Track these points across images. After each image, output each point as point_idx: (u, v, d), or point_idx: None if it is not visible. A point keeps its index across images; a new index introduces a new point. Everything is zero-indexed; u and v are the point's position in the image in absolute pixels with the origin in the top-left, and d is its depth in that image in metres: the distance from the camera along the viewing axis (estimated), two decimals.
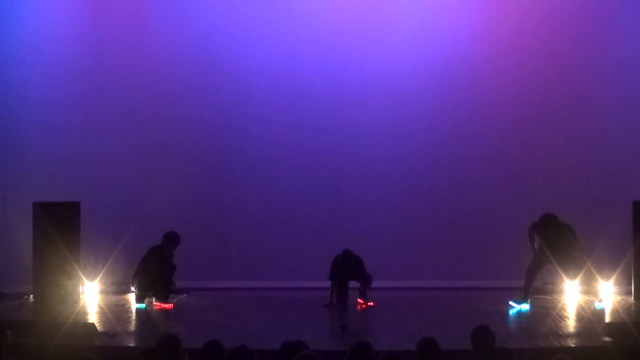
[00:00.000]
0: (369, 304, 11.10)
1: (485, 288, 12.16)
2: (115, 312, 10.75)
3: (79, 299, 11.73)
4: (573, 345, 8.65)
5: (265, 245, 13.11)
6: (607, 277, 12.11)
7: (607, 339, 8.82)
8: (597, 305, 10.90)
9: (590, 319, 10.07)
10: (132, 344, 8.84)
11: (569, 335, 9.24)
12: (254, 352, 6.26)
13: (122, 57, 13.22)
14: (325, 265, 11.48)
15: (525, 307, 10.85)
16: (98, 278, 12.18)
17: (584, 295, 12.06)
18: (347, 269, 11.25)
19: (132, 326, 10.06)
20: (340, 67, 13.23)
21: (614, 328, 9.08)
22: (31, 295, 11.63)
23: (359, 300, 11.19)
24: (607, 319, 10.05)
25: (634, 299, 11.50)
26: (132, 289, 11.51)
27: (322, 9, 13.27)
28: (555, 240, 10.92)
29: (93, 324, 9.55)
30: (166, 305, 11.23)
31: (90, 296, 12.04)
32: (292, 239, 13.03)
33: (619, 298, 11.83)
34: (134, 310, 11.06)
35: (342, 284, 11.28)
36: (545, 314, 10.56)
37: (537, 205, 12.66)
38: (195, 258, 12.66)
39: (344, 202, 13.19)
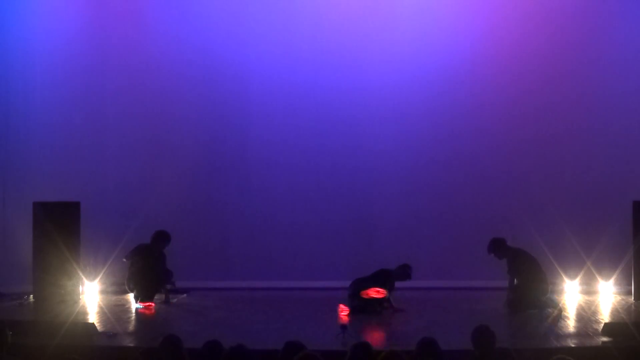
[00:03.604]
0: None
1: (485, 288, 12.16)
2: (115, 312, 10.75)
3: (79, 299, 11.73)
4: (573, 345, 8.65)
5: (265, 245, 13.11)
6: (607, 277, 12.15)
7: (607, 339, 8.82)
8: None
9: (589, 319, 10.09)
10: (132, 344, 8.83)
11: (569, 335, 9.24)
12: (251, 351, 6.27)
13: (122, 57, 13.21)
14: (325, 265, 11.49)
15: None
16: (98, 278, 12.19)
17: (584, 295, 12.08)
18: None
19: (132, 326, 10.06)
20: (341, 68, 13.22)
21: (614, 328, 9.08)
22: (31, 295, 11.63)
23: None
24: (607, 319, 10.05)
25: (634, 299, 11.51)
26: (129, 290, 11.48)
27: (324, 13, 13.26)
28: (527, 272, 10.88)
29: (93, 324, 9.55)
30: (147, 303, 11.18)
31: (90, 296, 12.04)
32: (292, 239, 13.02)
33: (619, 298, 11.84)
34: (134, 310, 11.06)
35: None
36: (546, 314, 10.55)
37: (537, 206, 12.72)
38: (195, 258, 12.67)
39: (344, 202, 13.18)
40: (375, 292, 10.67)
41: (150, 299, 11.22)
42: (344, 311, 10.61)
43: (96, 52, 13.18)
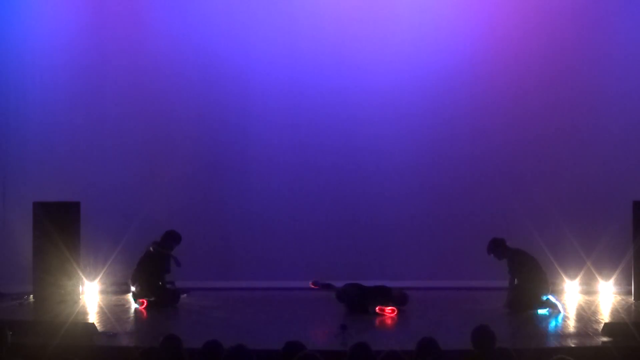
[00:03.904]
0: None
1: (485, 288, 12.16)
2: (115, 312, 10.75)
3: (79, 299, 11.74)
4: (573, 345, 8.65)
5: (265, 245, 13.11)
6: (607, 277, 12.15)
7: (607, 339, 8.82)
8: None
9: (589, 319, 10.09)
10: (132, 344, 8.84)
11: (569, 335, 9.24)
12: (251, 351, 6.27)
13: (122, 57, 13.21)
14: (325, 265, 11.49)
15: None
16: (98, 278, 12.19)
17: (584, 295, 12.08)
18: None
19: (132, 326, 10.07)
20: (341, 69, 13.21)
21: (614, 328, 9.08)
22: (31, 295, 11.63)
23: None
24: (607, 319, 10.05)
25: (634, 299, 11.51)
26: (132, 288, 11.47)
27: (324, 14, 13.25)
28: (528, 271, 10.89)
29: (93, 324, 9.55)
30: (142, 301, 11.19)
31: (90, 296, 12.04)
32: (292, 239, 13.02)
33: (619, 298, 11.84)
34: (133, 310, 11.06)
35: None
36: (546, 314, 10.55)
37: (537, 205, 12.72)
38: (195, 258, 12.64)
39: (344, 202, 13.18)
40: (391, 311, 10.65)
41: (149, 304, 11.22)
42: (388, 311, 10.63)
43: (96, 52, 13.18)
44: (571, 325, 9.92)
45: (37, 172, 12.74)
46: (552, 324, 10.05)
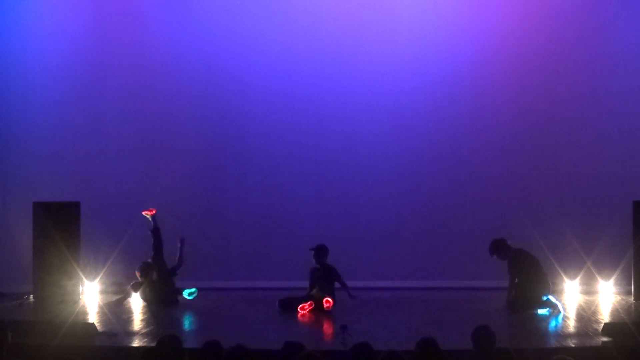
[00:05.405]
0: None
1: (485, 288, 12.16)
2: (115, 312, 10.74)
3: (79, 299, 11.74)
4: (573, 345, 8.65)
5: (265, 245, 13.11)
6: (607, 277, 12.15)
7: (607, 339, 8.82)
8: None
9: (589, 319, 10.09)
10: (132, 344, 8.84)
11: (569, 335, 9.24)
12: (251, 351, 6.27)
13: (122, 57, 13.22)
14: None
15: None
16: (98, 278, 12.20)
17: (584, 295, 12.08)
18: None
19: (132, 326, 10.07)
20: (340, 73, 13.24)
21: (614, 328, 9.08)
22: (31, 295, 11.64)
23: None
24: (607, 319, 10.05)
25: (634, 299, 11.50)
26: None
27: (324, 18, 13.26)
28: (528, 271, 10.90)
29: (93, 324, 9.55)
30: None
31: (90, 296, 12.04)
32: (292, 239, 13.00)
33: (619, 298, 11.84)
34: (134, 310, 11.06)
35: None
36: (546, 314, 10.55)
37: (537, 205, 12.73)
38: (195, 258, 12.65)
39: (344, 202, 13.19)
40: (326, 302, 10.82)
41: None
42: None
43: (96, 53, 13.20)
44: (571, 325, 9.92)
45: (37, 172, 12.74)
46: (552, 323, 10.04)
